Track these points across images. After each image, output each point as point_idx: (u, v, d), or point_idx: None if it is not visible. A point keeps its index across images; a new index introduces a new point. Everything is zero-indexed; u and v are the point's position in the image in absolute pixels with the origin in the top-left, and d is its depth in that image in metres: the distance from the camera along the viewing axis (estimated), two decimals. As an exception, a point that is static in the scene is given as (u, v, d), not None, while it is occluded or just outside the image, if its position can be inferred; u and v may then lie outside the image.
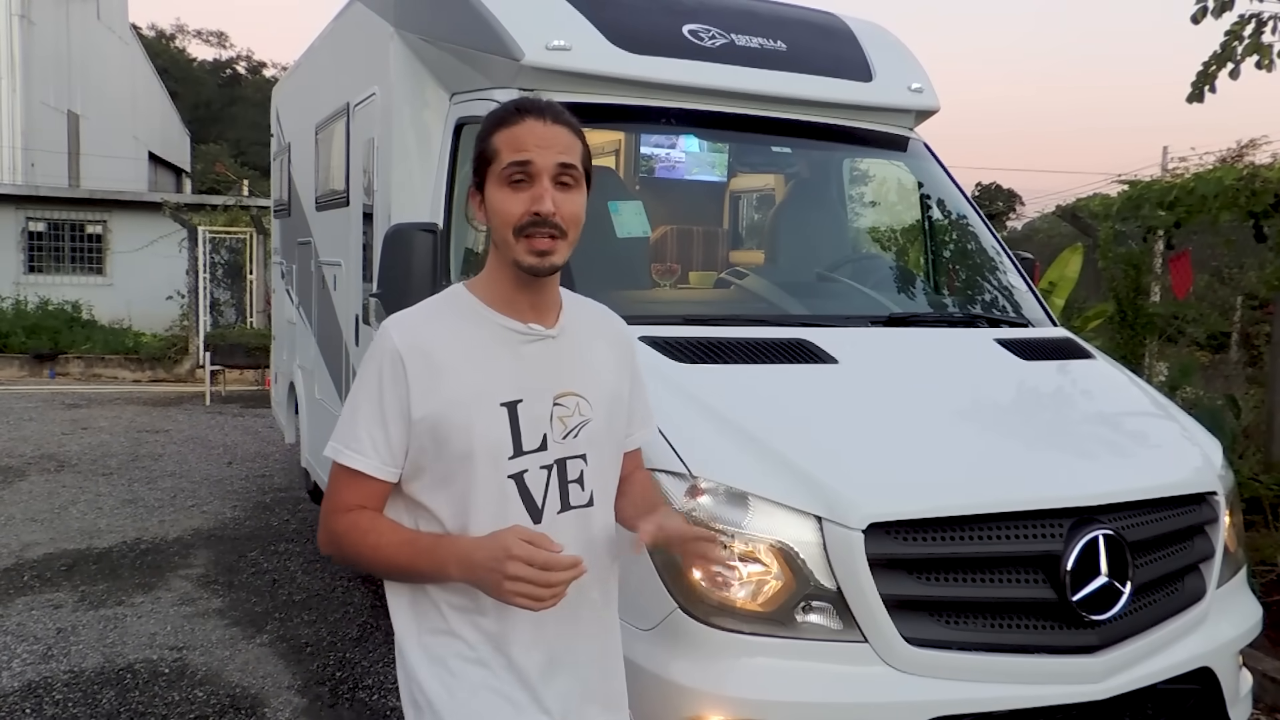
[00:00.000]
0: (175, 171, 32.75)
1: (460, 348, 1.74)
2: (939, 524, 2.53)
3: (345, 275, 5.37)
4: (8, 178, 20.42)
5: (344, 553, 1.79)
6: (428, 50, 4.21)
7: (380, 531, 1.75)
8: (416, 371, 1.71)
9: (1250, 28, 5.00)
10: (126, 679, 4.38)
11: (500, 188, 1.72)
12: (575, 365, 1.84)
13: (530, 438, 1.75)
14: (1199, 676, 2.84)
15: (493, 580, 1.61)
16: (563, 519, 1.79)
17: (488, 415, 1.72)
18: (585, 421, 1.82)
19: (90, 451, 9.25)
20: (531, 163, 1.69)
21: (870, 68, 4.29)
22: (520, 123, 1.72)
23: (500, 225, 1.72)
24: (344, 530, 1.77)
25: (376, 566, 1.78)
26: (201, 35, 57.01)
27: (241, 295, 15.89)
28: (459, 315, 1.78)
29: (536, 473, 1.76)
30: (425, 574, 1.74)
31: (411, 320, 1.78)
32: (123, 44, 28.24)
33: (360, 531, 1.75)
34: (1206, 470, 3.07)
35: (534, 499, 1.76)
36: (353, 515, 1.76)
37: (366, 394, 1.75)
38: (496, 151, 1.73)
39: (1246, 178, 6.26)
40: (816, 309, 3.88)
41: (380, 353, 1.74)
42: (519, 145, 1.71)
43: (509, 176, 1.71)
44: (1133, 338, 7.25)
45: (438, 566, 1.70)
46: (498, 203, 1.72)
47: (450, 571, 1.69)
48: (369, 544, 1.74)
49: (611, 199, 3.83)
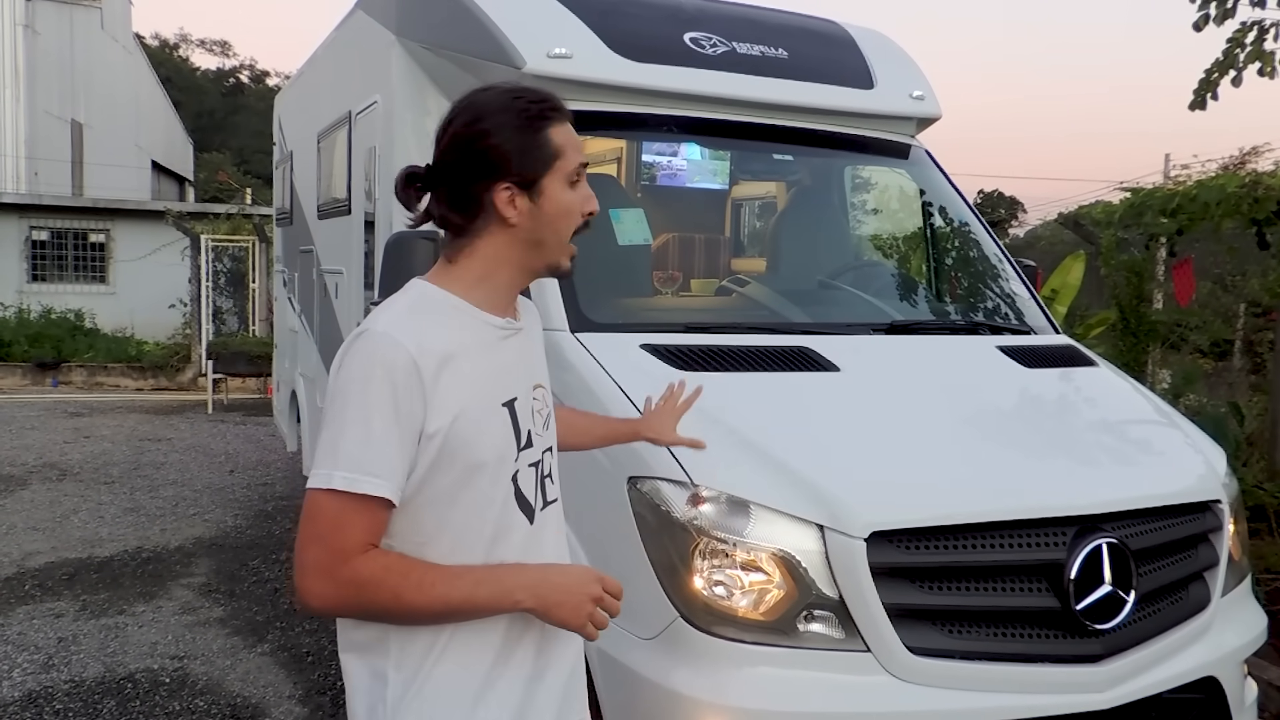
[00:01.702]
0: (178, 180, 32.81)
1: (461, 351, 1.61)
2: (941, 532, 2.52)
3: (347, 283, 5.38)
4: (11, 186, 20.47)
5: (370, 601, 1.54)
6: (429, 58, 4.22)
7: (423, 570, 1.56)
8: (431, 379, 1.54)
9: (1252, 35, 5.00)
10: (127, 688, 4.37)
11: (566, 188, 1.65)
12: (534, 354, 1.81)
13: (523, 435, 1.69)
14: (1204, 686, 2.83)
15: (574, 608, 1.60)
16: (545, 516, 1.74)
17: (494, 417, 1.64)
18: (550, 411, 1.81)
19: (92, 460, 9.25)
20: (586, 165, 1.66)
21: (872, 75, 4.29)
22: (567, 122, 1.68)
23: (564, 228, 1.66)
24: (374, 576, 1.52)
25: (417, 611, 1.56)
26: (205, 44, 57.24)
27: (244, 303, 15.91)
28: (445, 314, 1.63)
29: (526, 471, 1.69)
30: (483, 606, 1.59)
31: (409, 323, 1.59)
32: (126, 53, 28.31)
33: (399, 573, 1.54)
34: (1210, 478, 3.06)
35: (527, 499, 1.70)
36: (377, 557, 1.54)
37: (377, 408, 1.52)
38: (560, 149, 1.65)
39: (1249, 185, 6.25)
40: (818, 316, 3.87)
41: (388, 362, 1.53)
42: (575, 144, 1.66)
43: (574, 178, 1.66)
44: (1135, 345, 7.24)
45: (503, 595, 1.59)
46: (565, 202, 1.65)
47: (519, 598, 1.59)
48: (413, 584, 1.53)
49: (613, 207, 3.83)
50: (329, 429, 1.57)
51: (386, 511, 1.55)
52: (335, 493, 1.51)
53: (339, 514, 1.51)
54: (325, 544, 1.52)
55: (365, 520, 1.53)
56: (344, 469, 1.51)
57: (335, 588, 1.52)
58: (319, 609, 1.55)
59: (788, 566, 2.44)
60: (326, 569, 1.52)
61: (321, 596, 1.52)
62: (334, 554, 1.51)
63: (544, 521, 1.73)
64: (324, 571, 1.52)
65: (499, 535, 1.64)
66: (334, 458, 1.53)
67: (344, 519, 1.52)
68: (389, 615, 1.57)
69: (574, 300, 3.20)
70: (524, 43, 3.65)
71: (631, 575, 2.51)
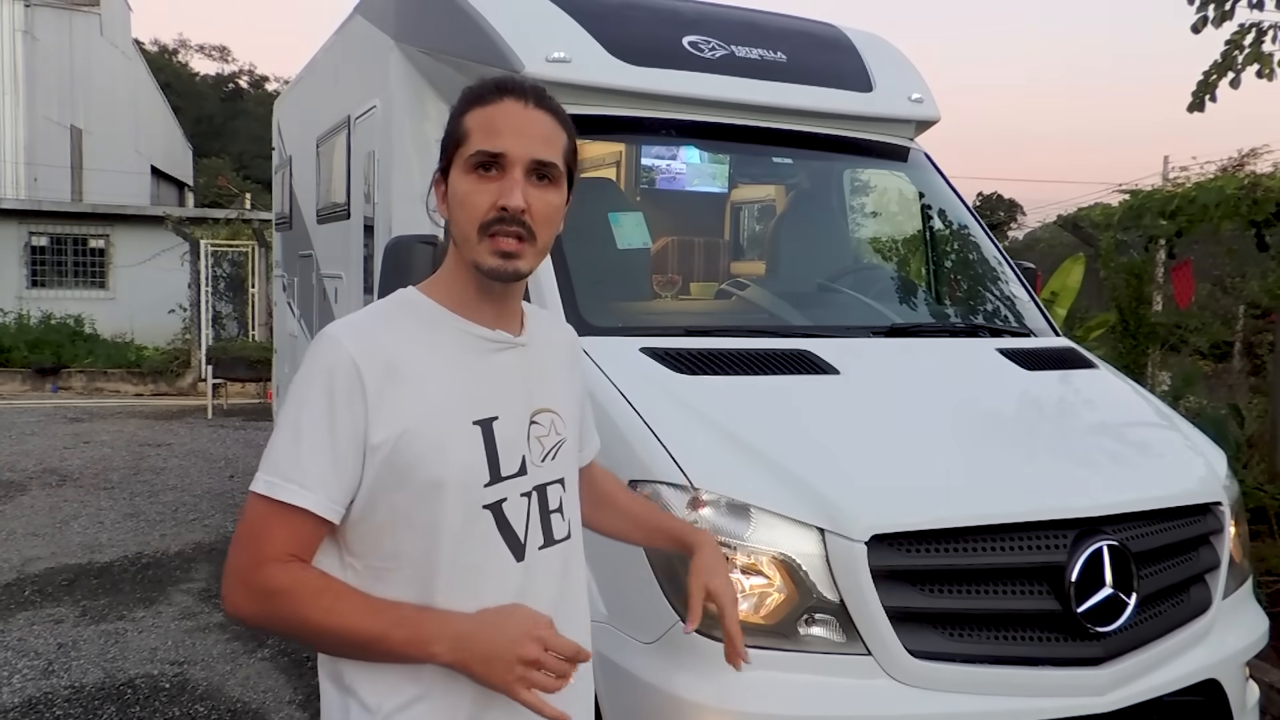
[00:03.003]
0: (178, 185, 32.84)
1: (423, 357, 1.48)
2: (942, 535, 2.51)
3: (346, 288, 5.38)
4: (11, 192, 20.48)
5: (277, 615, 1.43)
6: (428, 63, 4.22)
7: (338, 593, 1.43)
8: (375, 386, 1.43)
9: (1250, 37, 5.01)
10: (127, 694, 4.36)
11: (466, 175, 1.48)
12: (546, 378, 1.63)
13: (508, 461, 1.52)
14: (1205, 689, 2.82)
15: (502, 665, 1.38)
16: (545, 556, 1.57)
17: (460, 435, 1.48)
18: (561, 441, 1.62)
19: (92, 465, 9.24)
20: (505, 153, 1.46)
21: (870, 78, 4.29)
22: (498, 103, 1.49)
23: (463, 219, 1.47)
24: (284, 587, 1.41)
25: (324, 635, 1.43)
26: (204, 50, 57.40)
27: (243, 308, 15.92)
28: (416, 320, 1.52)
29: (516, 501, 1.52)
30: (396, 650, 1.42)
31: (362, 326, 1.50)
32: (126, 59, 28.35)
33: (310, 591, 1.42)
34: (1211, 480, 3.05)
35: (515, 533, 1.52)
36: (293, 569, 1.43)
37: (311, 415, 1.43)
38: (467, 133, 1.48)
39: (1248, 187, 6.26)
40: (818, 319, 3.87)
41: (327, 364, 1.44)
42: (493, 128, 1.47)
43: (477, 163, 1.46)
44: (1135, 347, 7.24)
45: (418, 643, 1.41)
46: (462, 193, 1.47)
47: (435, 649, 1.40)
48: (321, 606, 1.41)
49: (612, 210, 3.83)
50: (274, 431, 1.52)
51: (313, 525, 1.45)
52: (260, 496, 1.45)
53: (260, 519, 1.45)
54: (245, 548, 1.46)
55: (286, 529, 1.44)
56: (268, 473, 1.45)
57: (247, 594, 1.45)
58: (233, 614, 1.48)
59: (788, 570, 2.43)
60: (238, 574, 1.46)
61: (234, 602, 1.47)
62: (247, 561, 1.45)
63: (541, 562, 1.56)
64: (239, 575, 1.45)
65: (474, 570, 1.49)
66: (265, 460, 1.47)
67: (265, 525, 1.44)
68: (297, 634, 1.47)
69: (573, 303, 3.20)
70: (522, 47, 3.65)
71: (632, 579, 2.51)
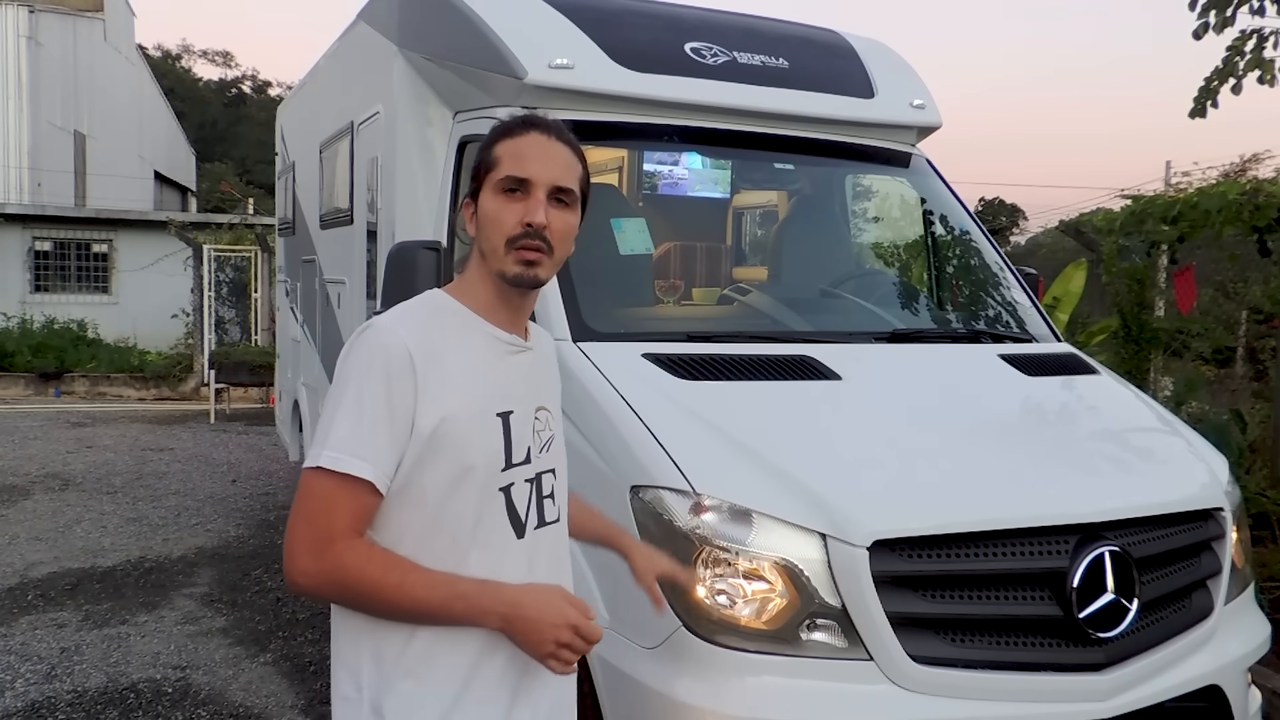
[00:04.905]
0: (181, 190, 32.92)
1: (462, 353, 1.69)
2: (944, 541, 2.52)
3: (349, 293, 5.39)
4: (14, 197, 20.54)
5: (346, 587, 1.59)
6: (431, 69, 4.23)
7: (406, 569, 1.59)
8: (424, 373, 1.61)
9: (1252, 43, 5.01)
10: (130, 699, 4.37)
11: (495, 196, 1.71)
12: (544, 379, 1.87)
13: (519, 450, 1.73)
14: (1207, 695, 2.82)
15: (539, 639, 1.59)
16: (540, 535, 1.78)
17: (488, 425, 1.69)
18: (553, 436, 1.85)
19: (95, 470, 9.25)
20: (531, 178, 1.69)
21: (872, 84, 4.30)
22: (524, 135, 1.73)
23: (492, 234, 1.70)
24: (357, 564, 1.57)
25: (391, 605, 1.60)
26: (207, 55, 57.25)
27: (246, 313, 15.94)
28: (452, 321, 1.73)
29: (521, 486, 1.74)
30: (456, 618, 1.62)
31: (410, 319, 1.70)
32: (129, 64, 28.43)
33: (381, 567, 1.58)
34: (1213, 486, 3.06)
35: (519, 514, 1.74)
36: (363, 546, 1.59)
37: (370, 394, 1.59)
38: (497, 160, 1.72)
39: (1250, 192, 6.26)
40: (820, 325, 3.87)
41: (383, 350, 1.62)
42: (520, 157, 1.71)
43: (505, 186, 1.70)
44: (1137, 353, 7.24)
45: (476, 613, 1.61)
46: (492, 211, 1.71)
47: (488, 621, 1.61)
48: (392, 582, 1.57)
49: (614, 216, 3.84)
50: (326, 413, 1.64)
51: (373, 498, 1.60)
52: (324, 472, 1.57)
53: (327, 494, 1.58)
54: (313, 523, 1.58)
55: (353, 502, 1.58)
56: (332, 449, 1.58)
57: (319, 567, 1.57)
58: (304, 587, 1.59)
59: (790, 575, 2.44)
60: (312, 547, 1.57)
61: (306, 574, 1.57)
62: (321, 533, 1.57)
63: (537, 540, 1.77)
64: (310, 549, 1.57)
65: (481, 543, 1.67)
66: (325, 439, 1.60)
67: (331, 499, 1.58)
68: (365, 606, 1.62)
69: (576, 309, 3.20)
70: (525, 53, 3.66)
71: (634, 584, 2.51)
